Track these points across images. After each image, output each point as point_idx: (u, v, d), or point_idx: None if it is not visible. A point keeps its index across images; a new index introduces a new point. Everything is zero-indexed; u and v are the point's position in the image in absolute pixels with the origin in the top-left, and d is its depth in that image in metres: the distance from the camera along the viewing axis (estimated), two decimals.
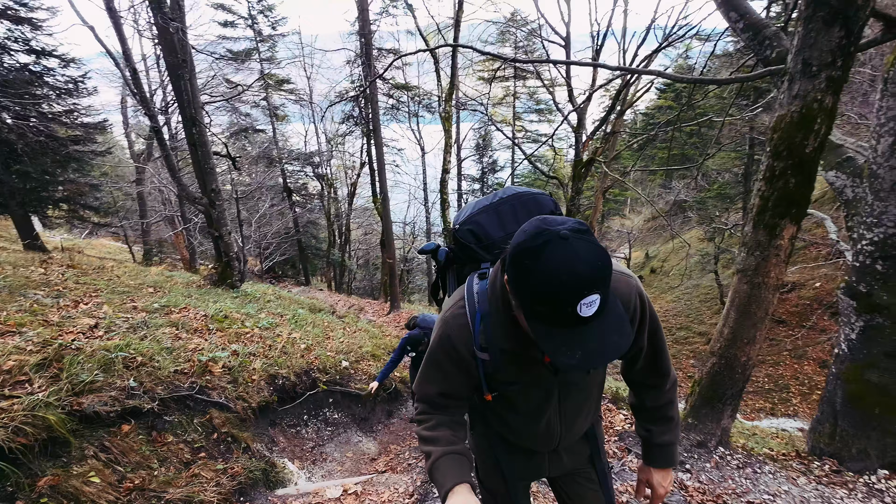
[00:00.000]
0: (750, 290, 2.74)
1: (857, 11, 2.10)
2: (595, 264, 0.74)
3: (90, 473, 2.05)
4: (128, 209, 21.08)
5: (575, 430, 1.22)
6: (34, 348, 2.29)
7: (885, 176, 2.85)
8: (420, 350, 3.85)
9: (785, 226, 2.53)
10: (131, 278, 6.06)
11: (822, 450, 3.26)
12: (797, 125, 2.36)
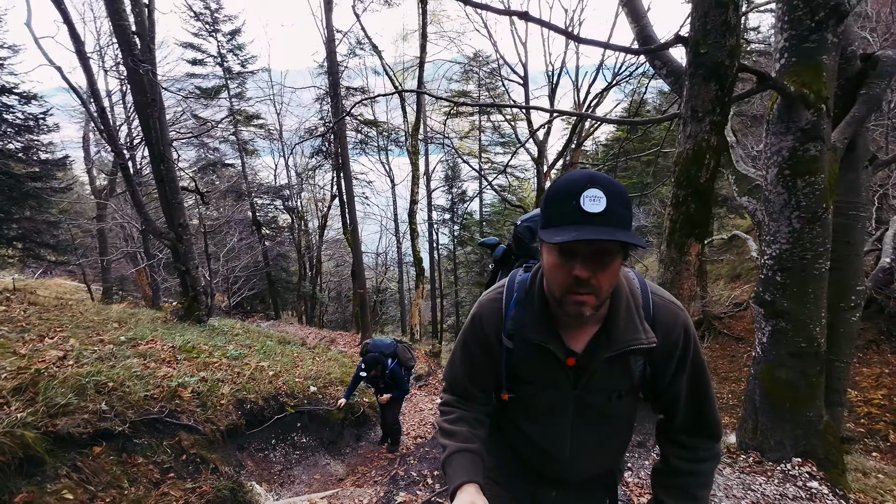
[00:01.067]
0: None
1: (725, 71, 2.62)
2: (599, 174, 0.81)
3: (63, 491, 2.17)
4: (86, 247, 20.43)
5: (589, 463, 1.12)
6: (9, 375, 2.41)
7: (774, 200, 3.36)
8: (372, 375, 4.26)
9: (691, 244, 2.97)
10: (94, 314, 6.04)
11: (748, 444, 3.63)
12: (692, 160, 2.83)
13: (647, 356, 0.95)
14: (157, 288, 16.54)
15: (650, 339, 0.92)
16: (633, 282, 0.97)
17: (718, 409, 1.05)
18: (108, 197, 17.02)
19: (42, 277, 21.26)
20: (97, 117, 7.86)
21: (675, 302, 0.98)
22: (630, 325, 0.92)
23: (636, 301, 0.94)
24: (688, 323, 0.96)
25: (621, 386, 0.99)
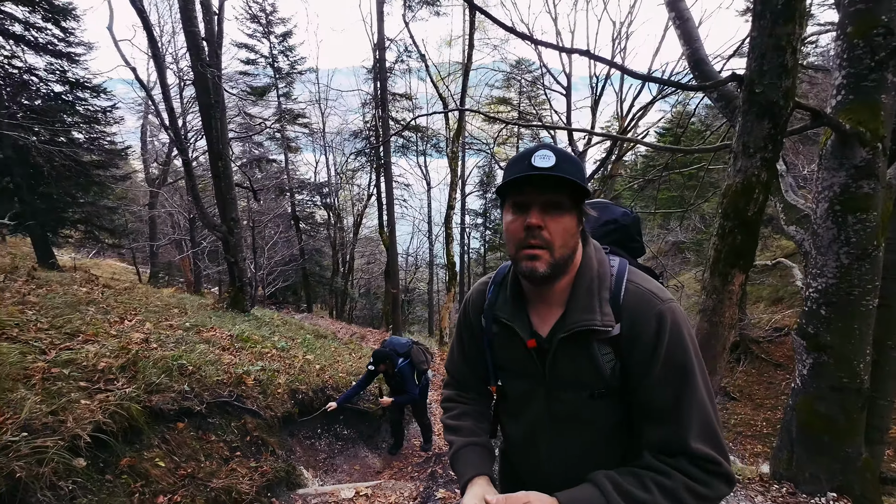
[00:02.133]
0: (709, 328, 3.23)
1: (780, 110, 2.70)
2: (556, 147, 0.85)
3: (156, 459, 2.50)
4: (138, 231, 21.70)
5: (574, 480, 0.91)
6: (112, 354, 2.77)
7: (823, 234, 3.39)
8: (381, 370, 4.19)
9: (735, 274, 3.05)
10: (156, 299, 6.54)
11: (781, 475, 3.65)
12: (740, 193, 2.92)
13: (614, 347, 0.86)
14: (200, 275, 17.45)
15: (606, 322, 0.85)
16: (605, 264, 0.92)
17: (726, 431, 0.96)
18: (161, 186, 18.09)
19: (95, 258, 22.76)
20: (166, 116, 8.47)
21: (656, 291, 0.87)
22: (587, 305, 0.87)
23: (602, 282, 0.88)
24: (665, 314, 0.83)
25: (592, 382, 0.89)
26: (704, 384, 0.83)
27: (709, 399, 0.82)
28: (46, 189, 12.03)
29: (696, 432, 0.79)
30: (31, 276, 4.46)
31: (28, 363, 2.28)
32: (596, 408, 0.92)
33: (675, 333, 0.83)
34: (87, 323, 3.44)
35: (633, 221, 1.13)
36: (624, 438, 0.95)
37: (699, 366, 0.84)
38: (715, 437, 0.81)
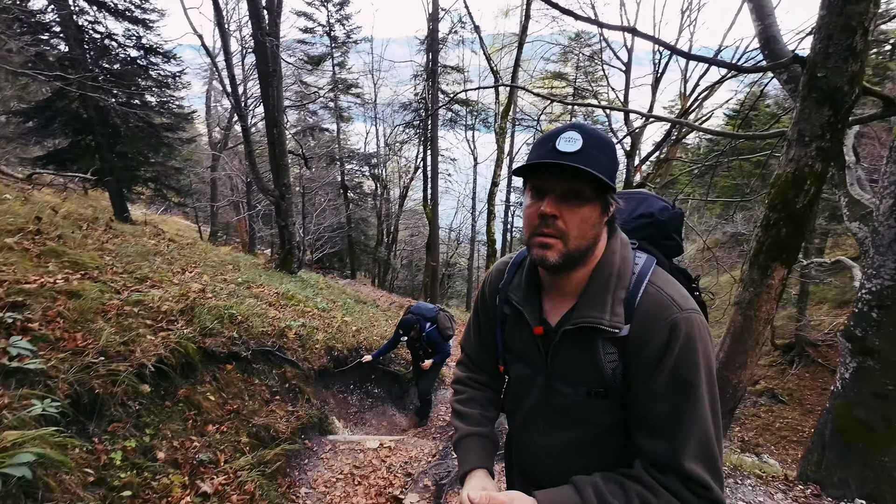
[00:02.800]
0: (743, 321, 3.15)
1: (843, 97, 2.52)
2: (585, 125, 0.81)
3: (207, 393, 2.83)
4: (200, 192, 23.15)
5: (557, 463, 0.99)
6: (173, 300, 3.12)
7: (884, 233, 3.16)
8: (411, 336, 4.34)
9: (776, 268, 2.94)
10: (213, 255, 7.10)
11: (809, 476, 3.55)
12: (790, 184, 2.78)
13: (619, 348, 0.83)
14: (254, 236, 18.50)
15: (614, 322, 0.81)
16: (628, 261, 0.87)
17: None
18: (222, 150, 19.13)
19: (162, 214, 24.60)
20: (227, 83, 8.91)
21: (677, 297, 0.81)
22: (598, 301, 0.83)
23: (621, 281, 0.84)
24: (679, 324, 0.77)
25: (591, 380, 0.87)
26: (711, 403, 0.77)
27: (713, 420, 0.77)
28: (122, 148, 13.05)
29: (692, 452, 0.75)
30: (108, 226, 4.98)
31: (105, 300, 2.63)
32: (592, 406, 0.90)
33: (686, 346, 0.77)
34: (154, 271, 3.84)
35: (671, 217, 1.02)
36: (617, 440, 0.91)
37: (708, 383, 0.77)
38: (712, 460, 0.76)
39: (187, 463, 2.33)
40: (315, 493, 2.90)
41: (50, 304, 2.29)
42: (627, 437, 0.89)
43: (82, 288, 2.60)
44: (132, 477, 2.02)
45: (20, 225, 3.17)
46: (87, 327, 2.31)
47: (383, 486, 3.05)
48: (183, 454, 2.36)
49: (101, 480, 1.89)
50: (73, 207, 6.65)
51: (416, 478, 3.09)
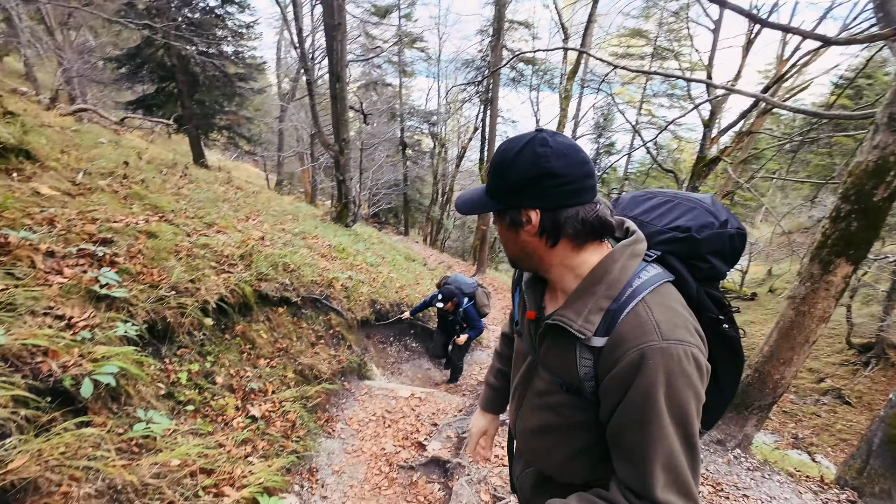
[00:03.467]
0: (794, 317, 2.97)
1: None
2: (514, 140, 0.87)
3: (261, 331, 3.16)
4: (268, 142, 24.26)
5: (529, 453, 1.10)
6: (235, 245, 3.44)
7: None
8: (447, 308, 4.27)
9: (840, 264, 2.72)
10: (275, 204, 7.58)
11: (847, 482, 3.40)
12: (870, 174, 2.51)
13: (594, 357, 0.83)
14: (316, 187, 19.29)
15: (582, 328, 0.82)
16: (627, 273, 0.84)
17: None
18: (289, 101, 19.77)
19: (235, 161, 26.16)
20: (295, 35, 9.11)
21: (664, 324, 0.77)
22: (577, 305, 0.85)
23: (609, 290, 0.83)
24: (650, 354, 0.75)
25: (567, 376, 0.90)
26: (681, 435, 0.76)
27: (685, 450, 0.76)
28: (200, 96, 13.85)
29: (663, 482, 0.75)
30: (184, 172, 5.46)
31: (178, 242, 2.97)
32: (564, 398, 0.92)
33: (650, 378, 0.74)
34: (221, 217, 4.21)
35: (711, 238, 0.91)
36: (586, 438, 0.93)
37: (674, 418, 0.75)
38: (685, 487, 0.76)
39: (240, 389, 2.67)
40: (349, 429, 3.21)
41: (132, 242, 2.63)
42: (597, 438, 0.90)
43: (159, 229, 2.94)
44: (195, 395, 2.36)
45: (111, 168, 3.59)
46: (161, 264, 2.64)
47: (410, 431, 3.31)
48: (237, 381, 2.69)
49: (169, 394, 2.24)
50: (157, 152, 7.30)
51: (440, 428, 3.31)
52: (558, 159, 0.81)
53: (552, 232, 0.85)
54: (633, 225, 0.93)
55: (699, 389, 0.77)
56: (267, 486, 2.10)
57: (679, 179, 12.83)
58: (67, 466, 1.53)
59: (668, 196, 1.01)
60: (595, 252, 0.88)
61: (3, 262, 1.91)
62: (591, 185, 0.84)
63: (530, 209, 0.84)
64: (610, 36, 19.51)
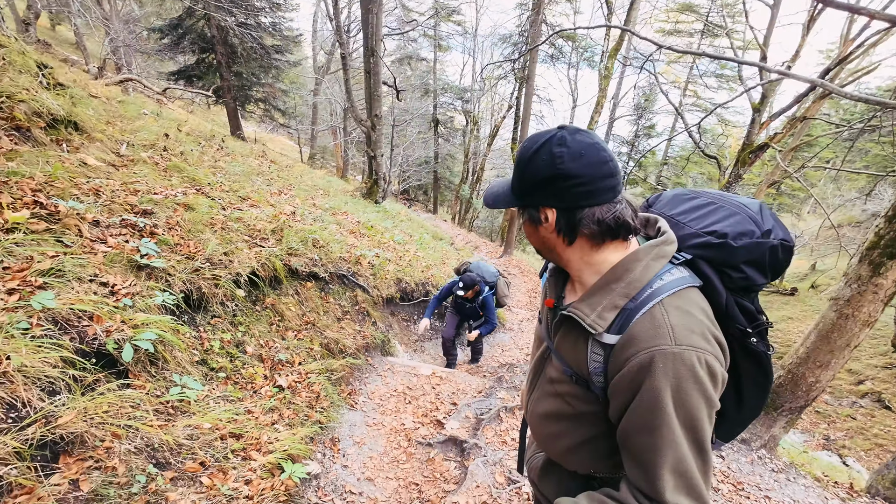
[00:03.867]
0: (836, 319, 2.83)
1: None
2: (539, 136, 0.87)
3: (290, 304, 3.26)
4: (303, 115, 24.48)
5: (537, 435, 1.11)
6: (267, 220, 3.53)
7: None
8: (466, 296, 4.01)
9: (892, 267, 2.55)
10: (307, 178, 7.70)
11: (879, 491, 3.28)
12: None
13: (605, 354, 0.83)
14: (348, 161, 19.46)
15: (594, 323, 0.83)
16: (648, 273, 0.83)
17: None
18: (324, 74, 19.82)
19: (270, 133, 26.61)
20: (331, 7, 9.04)
21: (679, 330, 0.75)
22: (592, 300, 0.85)
23: (627, 289, 0.82)
24: (661, 359, 0.74)
25: (576, 367, 0.91)
26: (691, 438, 0.75)
27: (694, 453, 0.75)
28: (238, 68, 14.03)
29: (672, 485, 0.74)
30: (221, 145, 5.59)
31: (213, 214, 3.07)
32: (573, 389, 0.93)
33: (659, 383, 0.73)
34: (254, 191, 4.32)
35: (747, 247, 0.86)
36: (591, 430, 0.94)
37: (685, 421, 0.74)
38: (695, 490, 0.75)
39: (269, 359, 2.78)
40: (371, 402, 3.31)
41: (171, 214, 2.74)
42: (601, 431, 0.91)
43: (196, 202, 3.05)
44: (226, 362, 2.48)
45: (152, 140, 3.72)
46: (197, 237, 2.75)
47: (430, 409, 3.39)
48: (266, 351, 2.81)
49: (203, 361, 2.35)
50: (196, 123, 7.50)
51: (460, 408, 3.37)
52: (574, 160, 0.80)
53: (567, 231, 0.86)
54: (666, 225, 0.91)
55: (712, 396, 0.75)
56: (291, 453, 2.20)
57: (722, 166, 12.23)
58: (110, 424, 1.65)
59: (712, 197, 0.96)
60: (616, 250, 0.87)
61: (54, 230, 2.03)
62: (611, 185, 0.82)
63: (547, 207, 0.86)
64: (657, 10, 18.46)
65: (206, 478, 1.83)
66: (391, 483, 2.61)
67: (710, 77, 21.65)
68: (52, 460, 1.49)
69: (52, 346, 1.61)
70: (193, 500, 1.72)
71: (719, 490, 2.98)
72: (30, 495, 1.36)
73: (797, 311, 16.95)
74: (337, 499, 2.35)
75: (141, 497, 1.60)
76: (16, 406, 1.43)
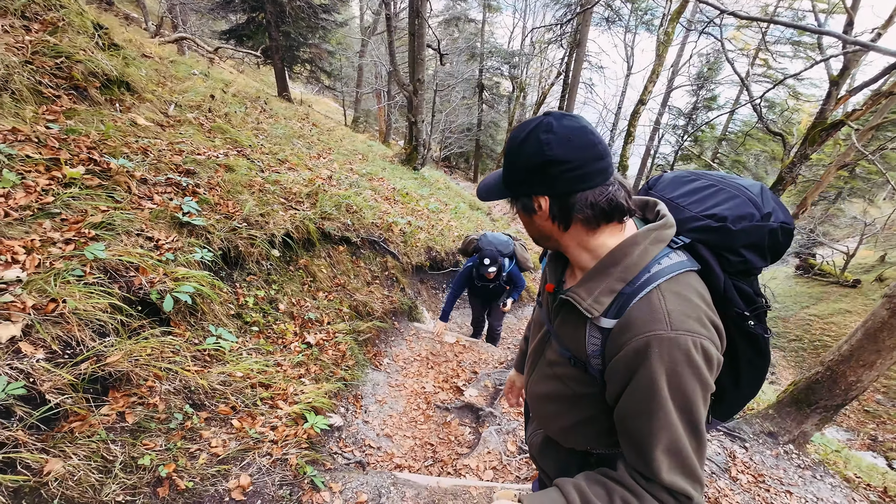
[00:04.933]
0: (887, 318, 2.63)
1: None
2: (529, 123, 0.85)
3: (321, 266, 3.39)
4: (348, 77, 24.45)
5: (536, 413, 1.14)
6: (303, 184, 3.64)
7: None
8: (488, 278, 3.53)
9: None
10: (348, 142, 7.78)
11: None
12: None
13: (603, 338, 0.84)
14: (390, 126, 19.44)
15: (590, 306, 0.84)
16: (645, 258, 0.83)
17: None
18: (371, 35, 19.60)
19: (316, 95, 26.83)
20: None
21: (676, 315, 0.76)
22: (589, 284, 0.86)
23: (624, 273, 0.82)
24: (656, 344, 0.74)
25: (575, 350, 0.92)
26: (685, 420, 0.76)
27: (688, 434, 0.77)
28: (286, 27, 14.10)
29: (667, 465, 0.77)
30: (264, 107, 5.73)
31: (251, 177, 3.20)
32: (571, 372, 0.95)
33: (655, 368, 0.74)
34: (293, 154, 4.43)
35: (746, 230, 0.85)
36: (586, 410, 0.96)
37: (680, 404, 0.76)
38: (690, 468, 0.77)
39: (299, 317, 2.94)
40: (395, 364, 3.45)
41: (212, 175, 2.87)
42: (598, 412, 0.93)
43: (236, 163, 3.17)
44: (259, 318, 2.64)
45: (199, 101, 3.86)
46: (236, 197, 2.88)
47: (450, 375, 3.49)
48: (297, 310, 2.96)
49: (238, 315, 2.52)
50: (244, 84, 7.68)
51: (479, 377, 3.45)
52: (561, 145, 0.79)
53: (562, 217, 0.86)
54: (665, 208, 0.90)
55: (707, 379, 0.76)
56: (315, 406, 2.35)
57: (787, 144, 11.30)
58: (152, 366, 1.82)
59: (712, 180, 0.95)
60: (613, 234, 0.87)
61: (106, 186, 2.19)
62: (602, 167, 0.81)
63: (539, 196, 0.85)
64: None
65: (237, 421, 2.00)
66: (408, 441, 2.74)
67: (785, 44, 19.64)
68: (102, 393, 1.67)
69: (103, 293, 1.77)
70: (224, 439, 1.89)
71: (738, 480, 2.93)
72: (83, 422, 1.55)
73: (857, 304, 15.79)
74: (356, 450, 2.51)
75: (178, 432, 1.78)
76: (71, 344, 1.60)
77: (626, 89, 19.12)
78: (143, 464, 1.58)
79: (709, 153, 21.53)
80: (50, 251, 1.76)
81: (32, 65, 2.41)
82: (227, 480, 1.73)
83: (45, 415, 1.45)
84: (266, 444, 1.97)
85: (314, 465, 2.04)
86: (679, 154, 21.78)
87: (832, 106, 11.01)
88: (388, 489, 2.03)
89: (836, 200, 21.28)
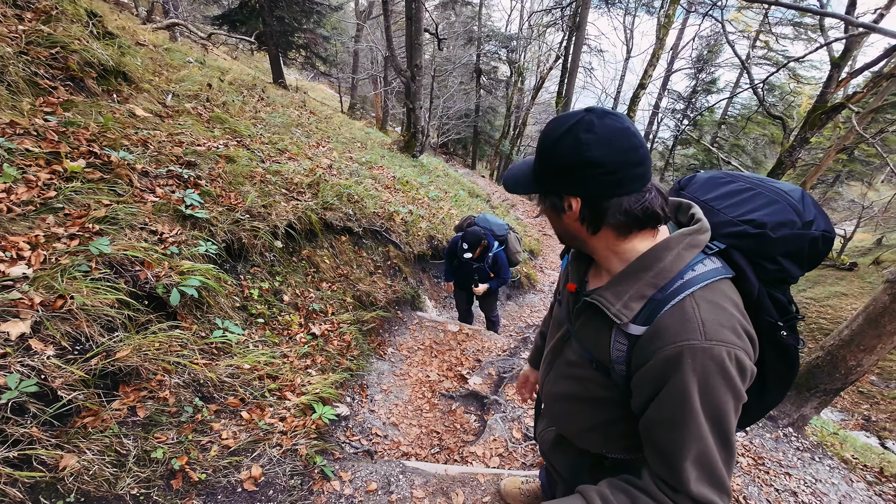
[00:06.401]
0: (889, 303, 2.66)
1: None
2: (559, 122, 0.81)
3: (324, 256, 3.39)
4: (343, 63, 24.08)
5: (551, 413, 1.12)
6: (303, 173, 3.61)
7: None
8: (472, 256, 3.57)
9: None
10: (346, 130, 7.71)
11: None
12: None
13: (630, 345, 0.82)
14: (388, 112, 19.24)
15: (619, 312, 0.81)
16: (679, 263, 0.80)
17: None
18: (366, 19, 19.26)
19: (312, 81, 26.46)
20: None
21: (710, 325, 0.74)
22: (618, 289, 0.83)
23: (656, 279, 0.80)
24: (689, 354, 0.72)
25: (598, 354, 0.90)
26: (716, 431, 0.74)
27: (718, 446, 0.75)
28: (280, 12, 13.84)
29: (695, 475, 0.74)
30: (261, 95, 5.65)
31: (252, 167, 3.17)
32: (592, 375, 0.93)
33: (687, 378, 0.72)
34: (293, 143, 4.39)
35: (785, 239, 0.81)
36: (608, 414, 0.94)
37: (711, 415, 0.74)
38: (718, 480, 0.75)
39: (304, 308, 2.94)
40: (398, 353, 3.47)
41: (213, 166, 2.85)
42: (616, 416, 0.92)
43: (237, 154, 3.14)
44: (265, 309, 2.64)
45: (196, 91, 3.80)
46: (238, 189, 2.86)
47: (454, 363, 3.52)
48: (301, 301, 2.96)
49: (243, 307, 2.52)
50: (239, 71, 7.56)
51: (483, 365, 3.48)
52: (601, 147, 0.75)
53: (592, 221, 0.82)
54: (700, 212, 0.86)
55: (739, 390, 0.74)
56: (322, 396, 2.37)
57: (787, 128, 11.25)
58: (161, 360, 1.83)
59: (750, 182, 0.90)
60: (644, 239, 0.83)
61: (107, 180, 2.17)
62: (640, 173, 0.77)
63: (571, 196, 0.82)
64: None
65: (246, 412, 2.01)
66: (414, 429, 2.77)
67: (787, 26, 19.40)
68: (113, 388, 1.68)
69: (109, 288, 1.77)
70: (234, 430, 1.91)
71: (738, 463, 2.99)
72: (95, 417, 1.56)
73: (854, 287, 15.92)
74: (363, 439, 2.54)
75: (189, 425, 1.79)
76: (80, 340, 1.60)
77: (625, 73, 18.92)
78: (156, 457, 1.60)
79: (708, 137, 21.42)
80: (55, 247, 1.75)
81: (27, 55, 2.36)
82: (238, 472, 1.75)
83: (59, 411, 1.46)
84: (276, 435, 1.99)
85: (324, 455, 2.07)
86: (679, 138, 21.67)
87: (833, 88, 10.95)
88: (396, 477, 2.06)
89: (834, 184, 21.27)
